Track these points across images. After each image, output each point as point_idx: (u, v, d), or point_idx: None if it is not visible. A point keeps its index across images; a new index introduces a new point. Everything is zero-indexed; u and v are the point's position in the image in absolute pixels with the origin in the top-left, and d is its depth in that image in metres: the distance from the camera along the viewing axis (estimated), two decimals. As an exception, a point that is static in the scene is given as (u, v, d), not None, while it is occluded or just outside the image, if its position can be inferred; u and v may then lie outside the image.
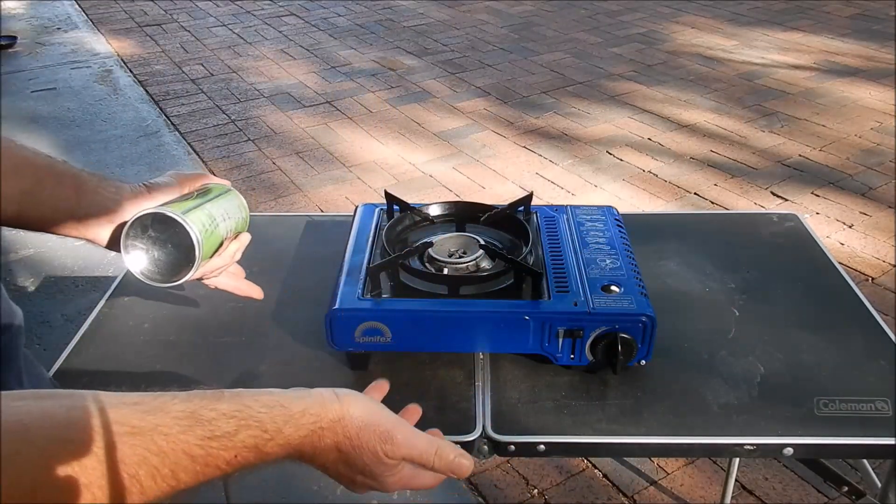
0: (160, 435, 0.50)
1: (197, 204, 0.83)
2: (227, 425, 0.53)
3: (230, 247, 0.89)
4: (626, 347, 0.84)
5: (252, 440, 0.54)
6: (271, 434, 0.55)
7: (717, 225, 1.28)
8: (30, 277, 2.49)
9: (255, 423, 0.55)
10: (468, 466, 0.66)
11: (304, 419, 0.57)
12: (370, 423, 0.61)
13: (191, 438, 0.52)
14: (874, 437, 0.80)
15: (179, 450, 0.51)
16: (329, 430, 0.58)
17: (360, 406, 0.61)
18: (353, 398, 0.61)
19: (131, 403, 0.52)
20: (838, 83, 3.86)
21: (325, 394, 0.60)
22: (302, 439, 0.57)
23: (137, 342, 0.97)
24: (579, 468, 1.73)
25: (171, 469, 0.50)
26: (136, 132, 3.54)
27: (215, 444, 0.53)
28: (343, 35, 4.81)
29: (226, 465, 0.53)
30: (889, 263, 2.43)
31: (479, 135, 3.40)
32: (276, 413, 0.56)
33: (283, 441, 0.56)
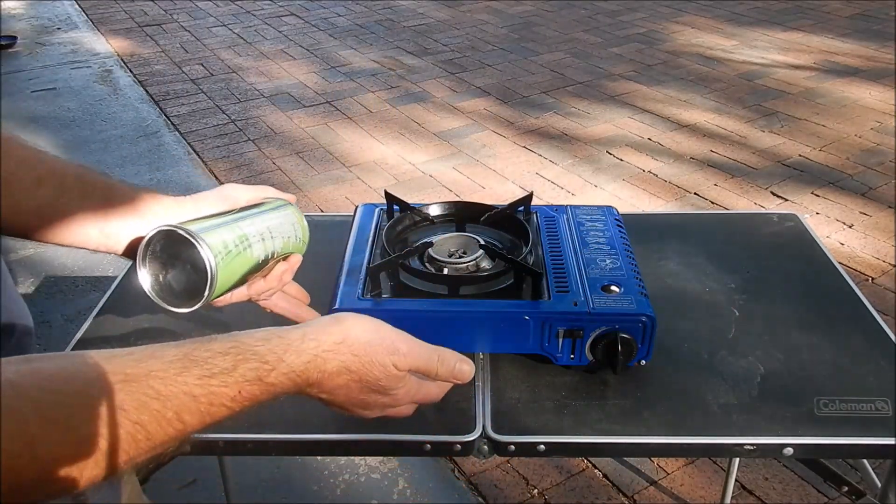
0: (156, 379, 0.50)
1: (227, 221, 0.74)
2: (223, 362, 0.53)
3: (277, 269, 0.83)
4: (626, 347, 0.84)
5: (252, 373, 0.54)
6: (272, 364, 0.55)
7: (717, 225, 1.28)
8: (30, 277, 2.49)
9: (253, 355, 0.54)
10: (469, 371, 0.68)
11: (304, 345, 0.57)
12: (375, 338, 0.61)
13: (189, 379, 0.51)
14: (874, 437, 0.80)
15: (179, 391, 0.50)
16: (333, 353, 0.58)
17: (362, 323, 0.61)
18: (353, 318, 0.61)
19: (122, 354, 0.51)
20: (838, 83, 3.86)
21: (323, 319, 0.60)
22: (306, 365, 0.56)
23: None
24: (579, 468, 1.73)
25: (174, 412, 0.49)
26: (136, 132, 3.54)
27: (215, 382, 0.52)
28: (343, 35, 4.81)
29: (231, 402, 0.52)
30: (889, 263, 2.43)
31: (479, 135, 3.40)
32: (274, 344, 0.56)
33: (287, 369, 0.55)
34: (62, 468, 0.45)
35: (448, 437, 0.81)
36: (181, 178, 3.09)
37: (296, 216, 0.87)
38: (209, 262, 0.69)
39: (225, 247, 0.71)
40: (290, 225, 0.84)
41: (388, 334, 0.63)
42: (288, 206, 0.87)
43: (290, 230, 0.84)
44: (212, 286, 0.70)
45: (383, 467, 1.75)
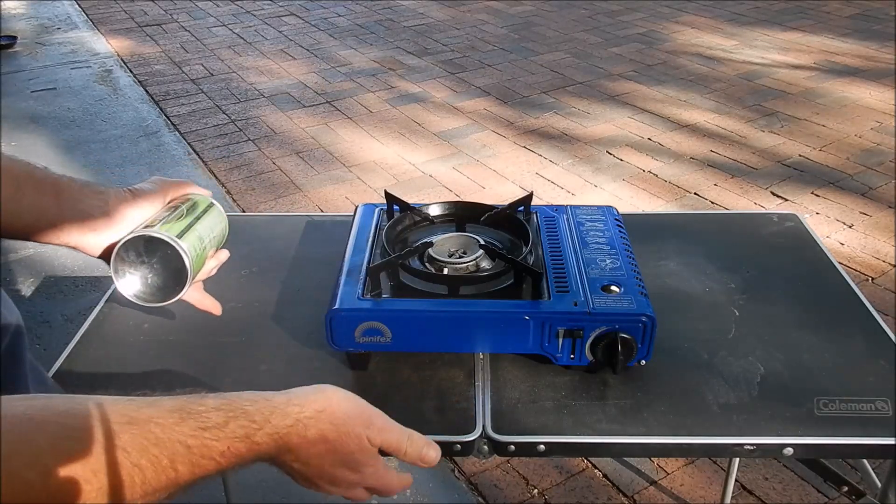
0: (156, 425, 0.52)
1: (188, 224, 0.82)
2: (216, 416, 0.55)
3: (208, 264, 0.89)
4: (626, 347, 0.84)
5: (242, 430, 0.56)
6: (259, 424, 0.57)
7: (717, 225, 1.28)
8: (30, 277, 2.49)
9: (243, 413, 0.57)
10: (435, 457, 0.69)
11: (288, 408, 0.59)
12: (354, 410, 0.63)
13: (185, 429, 0.53)
14: (874, 437, 0.80)
15: (175, 439, 0.52)
16: (314, 420, 0.60)
17: (342, 395, 0.63)
18: (333, 389, 0.63)
19: (125, 401, 0.53)
20: (838, 83, 3.86)
21: (306, 388, 0.62)
22: (289, 428, 0.59)
23: (137, 342, 0.97)
24: (579, 468, 1.73)
25: (169, 459, 0.52)
26: (136, 132, 3.54)
27: (208, 435, 0.54)
28: (343, 35, 4.81)
29: (220, 457, 0.55)
30: (889, 263, 2.43)
31: (479, 135, 3.40)
32: (261, 405, 0.58)
33: (272, 430, 0.58)
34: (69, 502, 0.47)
35: (448, 437, 0.81)
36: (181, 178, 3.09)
37: (221, 214, 0.92)
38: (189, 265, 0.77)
39: (194, 249, 0.79)
40: (220, 223, 0.91)
41: (366, 409, 0.65)
42: (214, 205, 0.92)
43: (219, 229, 0.91)
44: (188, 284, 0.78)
45: (383, 467, 1.74)
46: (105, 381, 0.91)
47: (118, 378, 0.91)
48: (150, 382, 0.90)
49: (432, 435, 0.81)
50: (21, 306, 0.80)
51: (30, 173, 0.75)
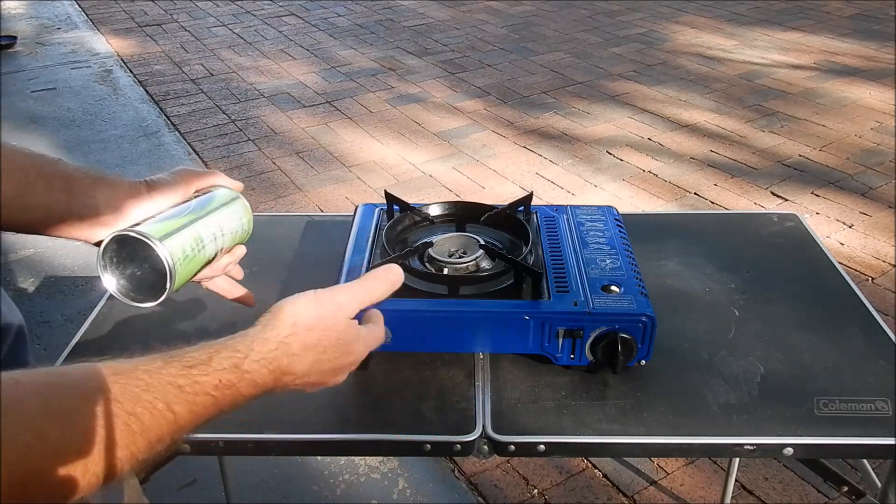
0: (142, 371, 0.53)
1: (184, 224, 0.77)
2: (199, 354, 0.57)
3: (222, 260, 0.86)
4: (626, 347, 0.84)
5: (228, 361, 0.57)
6: (244, 352, 0.59)
7: (717, 225, 1.28)
8: (30, 277, 2.49)
9: (225, 347, 0.59)
10: (398, 271, 0.73)
11: (267, 333, 0.62)
12: (318, 306, 0.65)
13: (171, 370, 0.54)
14: (874, 437, 0.80)
15: (165, 381, 0.53)
16: (292, 336, 0.62)
17: (300, 301, 0.65)
18: (288, 302, 0.65)
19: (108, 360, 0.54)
20: (838, 83, 3.86)
21: (265, 315, 0.65)
22: (274, 352, 0.61)
23: (137, 342, 0.97)
24: (579, 468, 1.73)
25: (164, 402, 0.52)
26: (136, 132, 3.54)
27: (196, 372, 0.55)
28: (343, 35, 4.81)
29: (214, 391, 0.56)
30: (889, 263, 2.43)
31: (479, 135, 3.40)
32: (240, 338, 0.61)
33: (258, 356, 0.59)
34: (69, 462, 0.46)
35: (448, 437, 0.81)
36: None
37: (243, 209, 0.88)
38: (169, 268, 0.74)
39: (183, 252, 0.75)
40: (238, 219, 0.87)
41: (326, 295, 0.67)
42: (237, 199, 0.87)
43: (237, 225, 0.86)
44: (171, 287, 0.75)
45: (383, 467, 1.75)
46: (105, 381, 0.91)
47: (118, 378, 0.91)
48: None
49: (432, 435, 0.82)
50: (21, 306, 0.80)
51: (40, 167, 0.74)
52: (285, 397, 0.88)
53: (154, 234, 0.73)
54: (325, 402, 0.87)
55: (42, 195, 0.74)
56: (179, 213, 0.79)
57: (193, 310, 1.03)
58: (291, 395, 0.89)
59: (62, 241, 2.57)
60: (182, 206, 0.80)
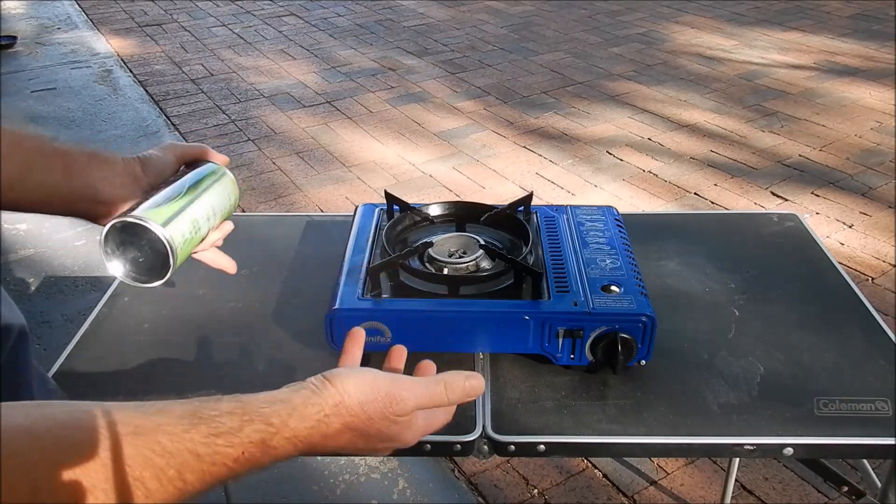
0: (164, 434, 0.50)
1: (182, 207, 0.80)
2: (230, 421, 0.53)
3: (211, 236, 0.87)
4: (626, 347, 0.84)
5: (258, 435, 0.53)
6: (277, 428, 0.55)
7: (717, 225, 1.28)
8: (30, 277, 2.49)
9: (259, 416, 0.54)
10: (480, 385, 0.66)
11: (307, 409, 0.57)
12: (369, 393, 0.60)
13: (195, 436, 0.51)
14: (874, 437, 0.80)
15: (184, 448, 0.50)
16: (334, 416, 0.58)
17: (354, 380, 0.61)
18: (342, 376, 0.61)
19: (132, 407, 0.51)
20: (838, 83, 3.86)
21: (315, 382, 0.60)
22: (310, 430, 0.56)
23: (137, 342, 0.97)
24: (579, 468, 1.73)
25: (176, 470, 0.49)
26: (136, 132, 3.54)
27: (220, 442, 0.52)
28: (343, 35, 4.81)
29: (233, 463, 0.52)
30: (889, 263, 2.43)
31: (479, 135, 3.40)
32: (278, 407, 0.56)
33: (290, 434, 0.55)
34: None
35: (448, 437, 0.81)
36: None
37: (231, 184, 0.90)
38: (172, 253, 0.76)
39: (182, 236, 0.78)
40: (227, 196, 0.89)
41: (384, 384, 0.61)
42: (225, 175, 0.90)
43: (226, 202, 0.89)
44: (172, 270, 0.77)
45: (383, 467, 1.75)
46: (105, 381, 0.91)
47: (118, 378, 0.91)
48: (150, 382, 0.90)
49: (432, 435, 0.82)
50: (21, 306, 0.79)
51: (40, 147, 0.75)
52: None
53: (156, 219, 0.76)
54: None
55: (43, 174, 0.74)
56: (175, 194, 0.81)
57: (193, 309, 1.03)
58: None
59: (62, 241, 2.57)
60: (176, 185, 0.83)
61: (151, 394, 0.89)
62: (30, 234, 2.69)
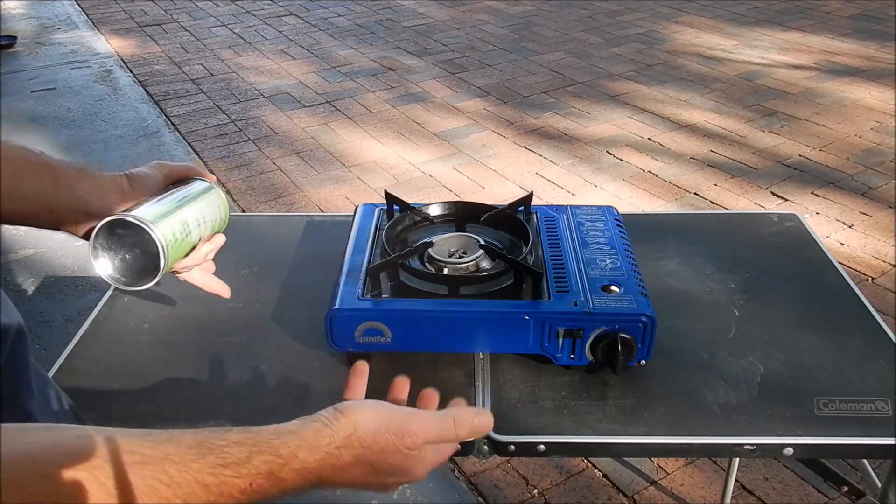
0: (171, 464, 0.49)
1: (171, 209, 0.81)
2: (238, 452, 0.52)
3: (203, 248, 0.88)
4: (626, 347, 0.84)
5: (266, 466, 0.53)
6: (285, 459, 0.54)
7: (717, 225, 1.28)
8: (30, 277, 2.49)
9: (268, 447, 0.54)
10: (489, 422, 0.66)
11: (317, 441, 0.56)
12: (382, 425, 0.60)
13: (203, 467, 0.50)
14: (874, 437, 0.80)
15: (192, 479, 0.50)
16: (345, 448, 0.57)
17: (366, 413, 0.60)
18: (355, 408, 0.60)
19: (141, 435, 0.51)
20: (838, 83, 3.86)
21: (327, 414, 0.59)
22: (320, 462, 0.56)
23: (137, 342, 0.97)
24: (579, 468, 1.73)
25: (183, 500, 0.49)
26: (136, 132, 3.54)
27: (228, 472, 0.51)
28: (343, 35, 4.81)
29: (240, 494, 0.52)
30: (889, 263, 2.43)
31: (479, 135, 3.40)
32: (288, 438, 0.55)
33: (299, 466, 0.55)
34: None
35: (448, 437, 0.81)
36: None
37: (220, 199, 0.91)
38: (163, 250, 0.76)
39: (173, 235, 0.79)
40: (217, 208, 0.90)
41: (396, 417, 0.61)
42: (214, 189, 0.91)
43: (217, 213, 0.90)
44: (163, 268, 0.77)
45: (383, 467, 1.74)
46: (105, 381, 0.91)
47: (118, 378, 0.91)
48: (150, 382, 0.90)
49: (432, 435, 0.82)
50: (21, 306, 0.80)
51: (26, 158, 0.75)
52: (285, 396, 0.88)
53: (147, 217, 0.76)
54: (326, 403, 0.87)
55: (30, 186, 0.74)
56: (164, 200, 0.82)
57: (193, 309, 1.03)
58: (291, 394, 0.89)
59: (62, 241, 2.57)
60: (165, 195, 0.84)
61: (151, 394, 0.89)
62: (30, 234, 2.68)
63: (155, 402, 0.88)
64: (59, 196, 0.76)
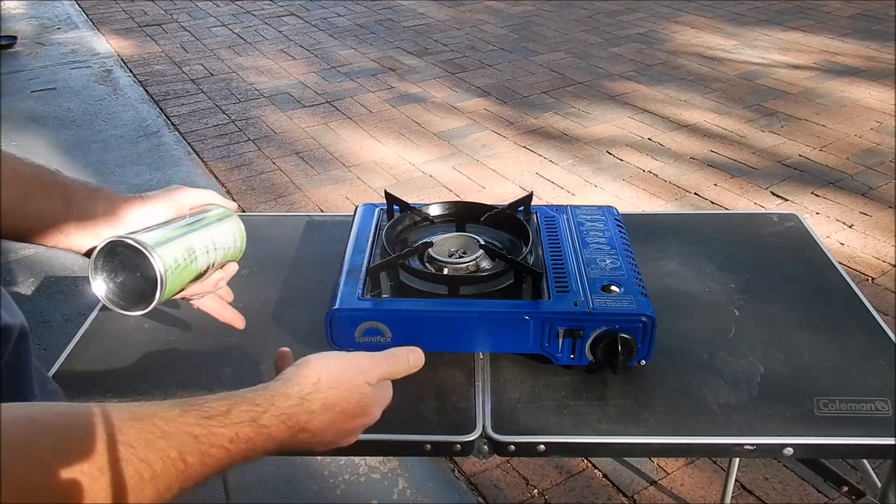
0: (160, 418, 0.52)
1: (177, 235, 0.78)
2: (219, 405, 0.56)
3: (213, 276, 0.87)
4: (626, 347, 0.84)
5: (246, 414, 0.57)
6: (263, 406, 0.58)
7: (717, 225, 1.28)
8: (30, 277, 2.49)
9: (244, 400, 0.58)
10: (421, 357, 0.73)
11: (287, 389, 0.61)
12: (343, 366, 0.65)
13: (189, 419, 0.53)
14: (874, 437, 0.80)
15: (181, 430, 0.52)
16: (314, 392, 0.62)
17: (328, 359, 0.65)
18: (316, 357, 0.65)
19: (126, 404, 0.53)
20: (838, 83, 3.86)
21: (290, 369, 0.64)
22: (294, 408, 0.60)
23: (137, 342, 0.97)
24: (579, 468, 1.73)
25: (178, 451, 0.51)
26: (136, 132, 3.54)
27: (213, 423, 0.54)
28: (343, 35, 4.81)
29: (229, 444, 0.55)
30: (889, 263, 2.43)
31: (479, 135, 3.40)
32: (261, 391, 0.60)
33: (277, 412, 0.59)
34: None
35: (448, 437, 0.81)
36: (181, 179, 3.09)
37: (236, 227, 0.89)
38: (160, 275, 0.74)
39: (175, 261, 0.76)
40: (231, 236, 0.88)
41: (352, 358, 0.67)
42: (231, 217, 0.89)
43: (230, 241, 0.87)
44: (160, 295, 0.75)
45: (383, 467, 1.75)
46: (105, 381, 0.91)
47: (118, 378, 0.91)
48: (150, 382, 0.90)
49: (432, 435, 0.82)
50: (21, 306, 0.79)
51: (40, 177, 0.75)
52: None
53: (147, 241, 0.74)
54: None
55: (40, 204, 0.75)
56: (173, 225, 0.81)
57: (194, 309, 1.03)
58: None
59: (62, 241, 2.57)
60: (175, 220, 0.82)
61: (152, 394, 0.89)
62: (30, 234, 2.68)
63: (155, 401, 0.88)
64: (70, 214, 0.76)
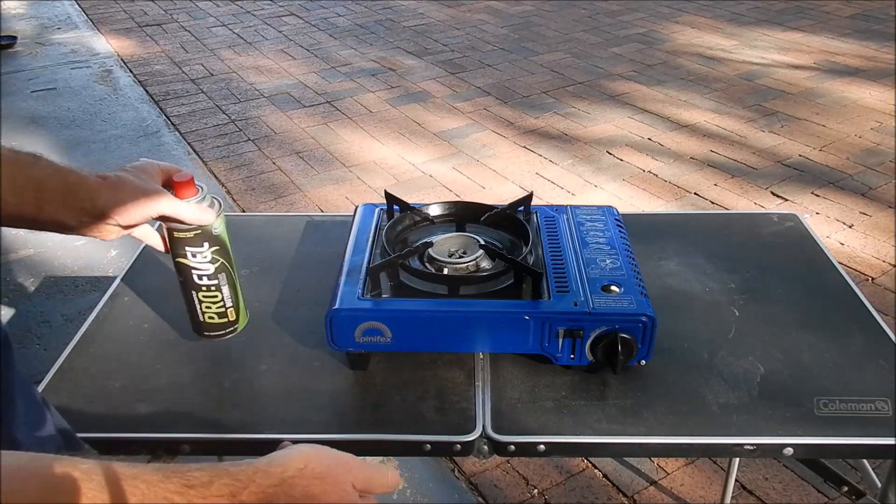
0: (142, 482, 0.52)
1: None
2: (201, 476, 0.56)
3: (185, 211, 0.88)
4: (626, 347, 0.84)
5: (227, 488, 0.57)
6: (244, 483, 0.58)
7: (717, 225, 1.28)
8: (30, 277, 2.49)
9: (227, 473, 0.58)
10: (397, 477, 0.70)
11: (271, 468, 0.61)
12: (332, 461, 0.65)
13: (171, 486, 0.53)
14: (874, 437, 0.80)
15: (161, 495, 0.53)
16: (298, 478, 0.61)
17: (320, 451, 0.65)
18: (308, 447, 0.65)
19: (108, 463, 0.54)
20: (838, 83, 3.86)
21: (282, 451, 0.64)
22: (275, 489, 0.60)
23: (137, 342, 0.97)
24: (579, 468, 1.73)
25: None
26: (136, 132, 3.54)
27: (193, 493, 0.54)
28: (343, 35, 4.81)
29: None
30: (889, 263, 2.43)
31: (479, 135, 3.40)
32: (244, 466, 0.60)
33: (257, 489, 0.58)
34: None
35: (448, 437, 0.81)
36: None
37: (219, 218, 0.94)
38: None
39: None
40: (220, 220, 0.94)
41: (342, 457, 0.67)
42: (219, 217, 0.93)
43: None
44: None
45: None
46: (105, 381, 0.91)
47: (118, 378, 0.91)
48: (150, 382, 0.90)
49: (432, 435, 0.82)
50: (21, 306, 0.79)
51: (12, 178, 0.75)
52: (285, 396, 0.88)
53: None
54: (326, 403, 0.88)
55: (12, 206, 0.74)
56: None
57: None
58: (291, 394, 0.89)
59: (62, 241, 2.57)
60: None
61: (151, 394, 0.89)
62: (30, 234, 2.68)
63: (155, 402, 0.88)
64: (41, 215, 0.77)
